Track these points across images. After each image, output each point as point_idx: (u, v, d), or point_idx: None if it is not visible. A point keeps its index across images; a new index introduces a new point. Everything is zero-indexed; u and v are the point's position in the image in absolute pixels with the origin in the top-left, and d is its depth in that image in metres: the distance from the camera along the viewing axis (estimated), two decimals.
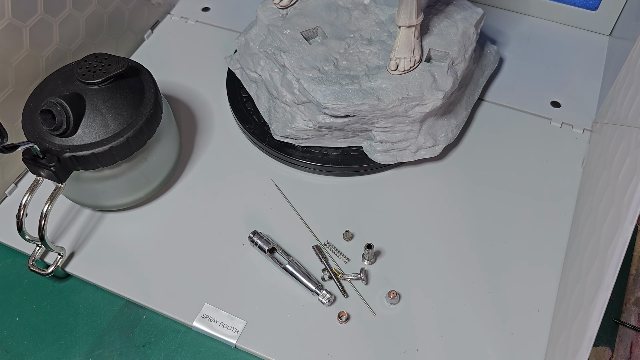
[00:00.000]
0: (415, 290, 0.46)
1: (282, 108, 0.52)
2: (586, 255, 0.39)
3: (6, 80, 0.48)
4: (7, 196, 0.52)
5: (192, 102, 0.59)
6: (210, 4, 0.69)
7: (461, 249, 0.48)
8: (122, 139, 0.43)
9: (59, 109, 0.41)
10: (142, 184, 0.49)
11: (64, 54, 0.53)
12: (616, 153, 0.41)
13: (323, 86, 0.48)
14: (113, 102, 0.44)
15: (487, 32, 0.64)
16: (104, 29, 0.58)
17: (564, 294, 0.42)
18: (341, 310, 0.44)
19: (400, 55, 0.48)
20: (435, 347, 0.43)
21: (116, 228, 0.50)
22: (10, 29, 0.46)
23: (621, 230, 0.32)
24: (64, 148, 0.43)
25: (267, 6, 0.54)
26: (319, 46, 0.51)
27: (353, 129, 0.50)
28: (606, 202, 0.38)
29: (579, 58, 0.63)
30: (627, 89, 0.46)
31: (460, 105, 0.54)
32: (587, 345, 0.32)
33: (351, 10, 0.54)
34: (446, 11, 0.54)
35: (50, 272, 0.46)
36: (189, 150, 0.55)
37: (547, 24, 0.66)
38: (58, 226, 0.50)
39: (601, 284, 0.32)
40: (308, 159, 0.52)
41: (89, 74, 0.44)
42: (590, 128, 0.56)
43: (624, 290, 0.48)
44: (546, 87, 0.60)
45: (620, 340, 0.45)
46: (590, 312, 0.32)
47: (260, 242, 0.47)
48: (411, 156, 0.51)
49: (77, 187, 0.47)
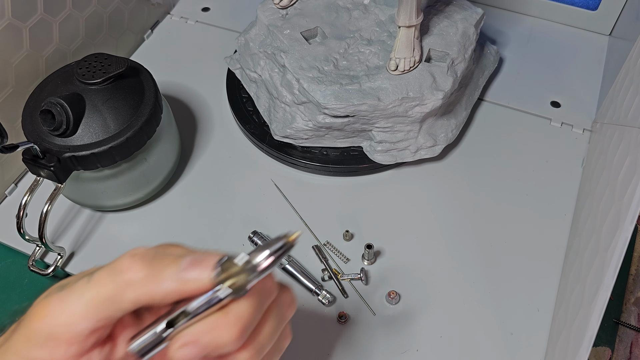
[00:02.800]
0: (415, 291, 0.46)
1: (282, 108, 0.52)
2: (586, 255, 0.39)
3: (6, 80, 0.48)
4: (7, 196, 0.52)
5: (191, 102, 0.59)
6: (210, 4, 0.69)
7: (461, 249, 0.48)
8: (122, 139, 0.43)
9: (58, 109, 0.41)
10: (142, 184, 0.49)
11: (64, 54, 0.53)
12: (616, 153, 0.41)
13: (323, 86, 0.48)
14: (113, 102, 0.44)
15: (487, 32, 0.64)
16: (103, 29, 0.58)
17: (564, 294, 0.42)
18: (341, 311, 0.44)
19: (400, 55, 0.48)
20: (435, 347, 0.43)
21: (116, 228, 0.50)
22: (10, 29, 0.46)
23: (621, 230, 0.32)
24: (63, 148, 0.43)
25: (267, 6, 0.54)
26: (319, 46, 0.51)
27: (353, 129, 0.50)
28: (606, 202, 0.38)
29: (579, 58, 0.63)
30: (627, 89, 0.46)
31: (460, 105, 0.54)
32: (587, 345, 0.32)
33: (351, 11, 0.54)
34: (446, 11, 0.54)
35: (50, 272, 0.46)
36: (189, 151, 0.55)
37: (547, 24, 0.66)
38: (58, 226, 0.50)
39: (601, 283, 0.32)
40: (308, 159, 0.52)
41: (89, 74, 0.44)
42: (590, 128, 0.56)
43: (624, 290, 0.48)
44: (546, 87, 0.60)
45: (620, 340, 0.45)
46: (590, 312, 0.32)
47: (260, 242, 0.47)
48: (411, 156, 0.51)
49: (77, 187, 0.47)
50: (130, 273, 0.25)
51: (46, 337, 0.25)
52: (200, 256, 0.25)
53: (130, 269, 0.25)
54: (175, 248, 0.27)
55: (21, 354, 0.26)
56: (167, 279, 0.24)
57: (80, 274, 0.27)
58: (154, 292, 0.24)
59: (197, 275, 0.24)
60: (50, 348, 0.25)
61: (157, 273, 0.25)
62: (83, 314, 0.25)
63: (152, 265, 0.25)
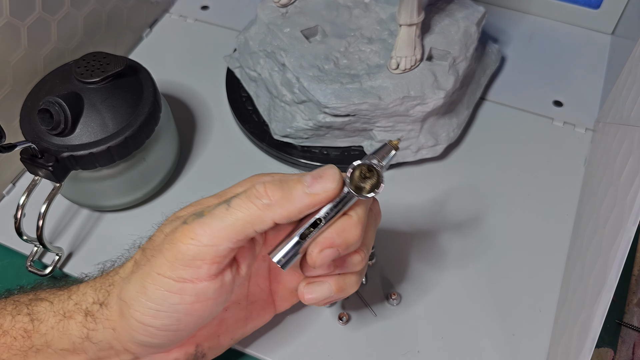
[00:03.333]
0: (416, 291, 0.45)
1: (282, 107, 0.51)
2: (588, 255, 0.39)
3: (4, 79, 0.47)
4: (5, 196, 0.52)
5: (191, 101, 0.59)
6: (210, 3, 0.68)
7: (462, 249, 0.48)
8: (121, 138, 0.43)
9: (57, 108, 0.41)
10: (140, 184, 0.49)
11: (62, 52, 0.53)
12: (619, 153, 0.41)
13: (323, 85, 0.47)
14: (111, 102, 0.44)
15: (488, 31, 0.64)
16: (102, 28, 0.58)
17: (566, 295, 0.42)
18: (342, 312, 0.44)
19: (401, 54, 0.48)
20: (436, 349, 0.43)
21: (115, 228, 0.50)
22: (8, 28, 0.46)
23: (624, 230, 0.31)
24: (62, 147, 0.42)
25: (266, 4, 0.54)
26: (319, 45, 0.50)
27: (353, 128, 0.50)
28: (609, 202, 0.38)
29: (581, 57, 0.62)
30: (629, 88, 0.45)
31: (461, 104, 0.54)
32: (590, 347, 0.31)
33: (351, 9, 0.53)
34: (447, 9, 0.53)
35: (48, 272, 0.46)
36: (188, 150, 0.55)
37: (549, 23, 0.66)
38: (56, 226, 0.50)
39: (603, 284, 0.32)
40: (308, 158, 0.52)
41: (87, 73, 0.44)
42: (592, 127, 0.56)
43: (627, 291, 0.48)
44: (548, 86, 0.59)
45: (623, 341, 0.45)
46: (592, 313, 0.32)
47: None
48: (412, 156, 0.51)
49: (75, 187, 0.46)
50: (267, 197, 0.29)
51: (192, 257, 0.29)
52: (318, 172, 0.30)
53: (266, 194, 0.29)
54: (275, 174, 0.32)
55: (166, 274, 0.30)
56: (299, 196, 0.29)
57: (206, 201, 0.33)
58: (290, 209, 0.29)
59: (322, 187, 0.29)
60: (195, 267, 0.29)
61: (289, 193, 0.29)
62: (226, 235, 0.29)
63: (282, 187, 0.29)
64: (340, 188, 0.30)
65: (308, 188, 0.29)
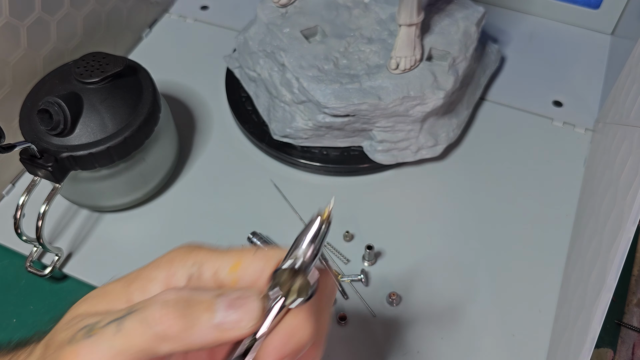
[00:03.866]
0: (416, 292, 0.45)
1: (282, 107, 0.51)
2: (588, 256, 0.39)
3: (3, 79, 0.47)
4: (5, 196, 0.52)
5: (190, 102, 0.59)
6: (209, 3, 0.68)
7: (462, 249, 0.48)
8: (120, 138, 0.43)
9: (56, 109, 0.41)
10: (140, 184, 0.48)
11: (62, 53, 0.53)
12: (618, 153, 0.41)
13: (323, 85, 0.47)
14: (111, 102, 0.44)
15: (488, 31, 0.64)
16: (101, 28, 0.58)
17: (566, 295, 0.42)
18: (341, 312, 0.44)
19: (400, 54, 0.48)
20: (436, 349, 0.43)
21: (114, 229, 0.50)
22: (8, 28, 0.46)
23: (623, 230, 0.31)
24: (61, 148, 0.42)
25: (266, 4, 0.53)
26: (319, 45, 0.50)
27: (353, 129, 0.50)
28: (608, 203, 0.38)
29: (581, 57, 0.62)
30: (629, 88, 0.45)
31: (461, 104, 0.54)
32: (589, 347, 0.31)
33: (351, 9, 0.53)
34: (447, 10, 0.53)
35: (47, 273, 0.46)
36: (188, 150, 0.55)
37: (549, 23, 0.66)
38: (55, 227, 0.50)
39: (603, 285, 0.32)
40: (308, 158, 0.52)
41: (87, 73, 0.44)
42: (592, 128, 0.56)
43: (626, 292, 0.47)
44: (548, 87, 0.59)
45: (623, 341, 0.45)
46: (592, 313, 0.32)
47: (259, 243, 0.47)
48: (412, 156, 0.51)
49: (74, 187, 0.46)
50: (163, 326, 0.23)
51: None
52: (238, 296, 0.23)
53: (162, 321, 0.23)
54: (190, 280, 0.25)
55: None
56: (204, 329, 0.23)
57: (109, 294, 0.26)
58: (191, 344, 0.23)
59: (235, 323, 0.23)
60: None
61: (191, 325, 0.23)
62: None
63: (186, 314, 0.23)
64: (261, 324, 0.23)
65: (218, 320, 0.23)
